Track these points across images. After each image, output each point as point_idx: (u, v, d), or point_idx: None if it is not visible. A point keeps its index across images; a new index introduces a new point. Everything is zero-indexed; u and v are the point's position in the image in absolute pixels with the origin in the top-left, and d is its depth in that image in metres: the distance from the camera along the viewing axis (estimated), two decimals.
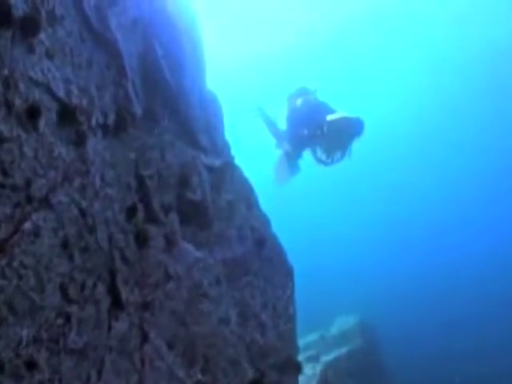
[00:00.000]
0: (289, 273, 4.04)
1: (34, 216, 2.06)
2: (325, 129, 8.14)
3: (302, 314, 4.26)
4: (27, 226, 2.01)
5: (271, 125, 10.03)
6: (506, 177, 28.77)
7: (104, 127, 2.84)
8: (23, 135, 2.04)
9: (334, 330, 14.37)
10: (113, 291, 2.69)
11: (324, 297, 18.15)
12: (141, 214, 3.08)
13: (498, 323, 19.52)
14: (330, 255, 25.88)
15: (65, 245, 2.26)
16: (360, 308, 16.04)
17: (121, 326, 2.68)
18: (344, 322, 14.83)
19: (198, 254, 3.29)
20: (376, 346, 14.96)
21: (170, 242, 3.18)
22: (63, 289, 2.23)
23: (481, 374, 15.88)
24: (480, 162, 29.14)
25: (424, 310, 21.17)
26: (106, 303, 2.60)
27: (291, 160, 9.26)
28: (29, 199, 2.04)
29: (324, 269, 23.56)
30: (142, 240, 3.00)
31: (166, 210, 3.25)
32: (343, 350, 12.99)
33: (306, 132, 8.62)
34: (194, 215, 3.44)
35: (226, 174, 3.90)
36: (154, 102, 3.44)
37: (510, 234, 28.11)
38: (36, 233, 2.06)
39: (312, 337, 13.34)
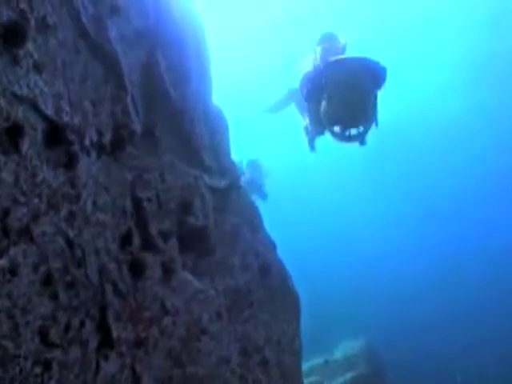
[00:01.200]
0: (295, 303, 3.75)
1: (12, 251, 1.80)
2: (323, 78, 5.42)
3: (304, 335, 3.97)
4: (3, 262, 1.75)
5: (302, 107, 7.37)
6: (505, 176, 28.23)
7: (99, 146, 2.59)
8: (2, 158, 1.79)
9: (338, 354, 13.79)
10: (103, 328, 2.43)
11: (328, 317, 17.65)
12: (137, 241, 2.82)
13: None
14: (333, 273, 25.41)
15: (47, 282, 1.99)
16: (365, 331, 15.51)
17: (110, 367, 2.41)
18: (349, 347, 14.34)
19: (199, 284, 3.02)
20: (382, 372, 14.38)
21: (168, 272, 2.92)
22: (43, 332, 1.96)
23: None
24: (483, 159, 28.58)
25: (433, 334, 20.51)
26: (94, 343, 2.33)
27: (309, 136, 6.77)
28: (6, 232, 1.78)
29: (328, 288, 23.06)
30: (137, 270, 2.73)
31: (165, 236, 2.99)
32: (348, 376, 12.51)
33: (305, 91, 5.96)
34: (195, 241, 3.18)
35: (230, 195, 3.65)
36: (156, 118, 3.20)
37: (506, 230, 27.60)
38: (13, 270, 1.80)
39: (316, 361, 12.81)
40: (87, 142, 2.43)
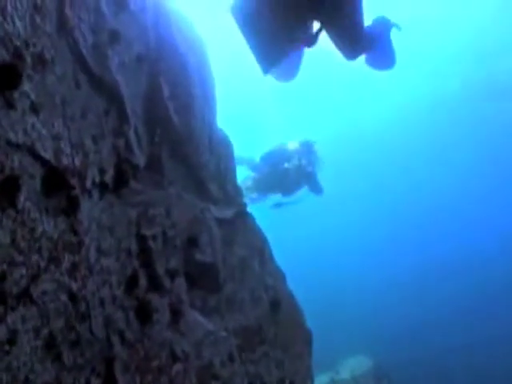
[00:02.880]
0: (307, 338, 3.57)
1: (10, 318, 1.62)
2: None
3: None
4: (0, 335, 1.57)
5: None
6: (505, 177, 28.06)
7: (101, 185, 2.42)
8: None
9: (345, 373, 13.22)
10: (109, 383, 2.25)
11: (334, 331, 17.28)
12: (143, 283, 2.64)
13: None
14: (338, 286, 25.02)
15: (50, 345, 1.81)
16: (373, 347, 15.04)
17: None
18: (356, 365, 13.73)
19: (208, 325, 2.84)
20: None
21: (176, 314, 2.74)
22: None
23: None
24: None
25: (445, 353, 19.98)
26: None
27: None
28: (3, 298, 1.60)
29: (334, 300, 22.67)
30: (144, 315, 2.55)
31: (172, 275, 2.81)
32: None
33: None
34: (202, 278, 3.00)
35: (237, 225, 3.47)
36: (160, 149, 3.03)
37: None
38: (11, 340, 1.62)
39: (321, 379, 12.33)
40: (89, 183, 2.26)
